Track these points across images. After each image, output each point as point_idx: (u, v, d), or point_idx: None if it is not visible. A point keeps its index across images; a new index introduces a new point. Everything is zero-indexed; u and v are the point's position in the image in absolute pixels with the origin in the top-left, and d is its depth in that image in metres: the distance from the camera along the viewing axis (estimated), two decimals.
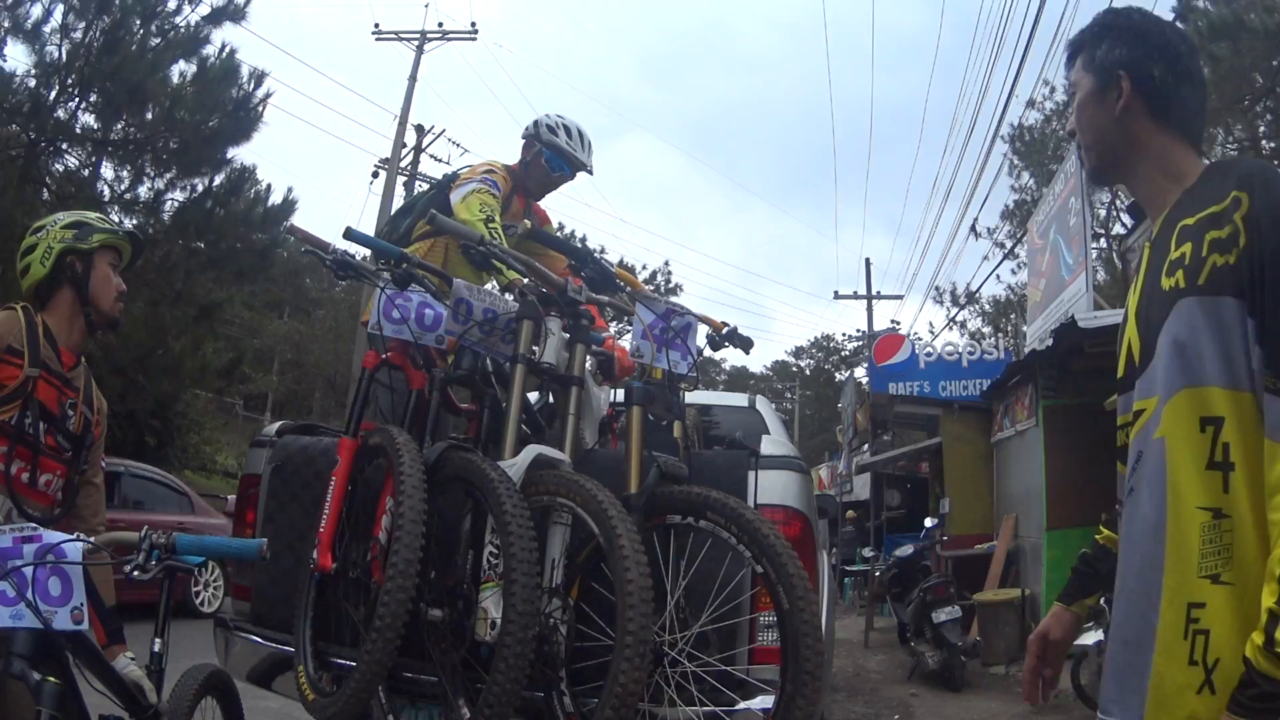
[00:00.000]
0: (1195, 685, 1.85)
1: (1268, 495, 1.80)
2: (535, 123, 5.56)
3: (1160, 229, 2.15)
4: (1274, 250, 1.84)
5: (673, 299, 4.29)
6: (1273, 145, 24.61)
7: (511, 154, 5.70)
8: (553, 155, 5.50)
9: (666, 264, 73.38)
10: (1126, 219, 15.18)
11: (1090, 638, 8.55)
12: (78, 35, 15.91)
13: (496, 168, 5.52)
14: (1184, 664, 1.87)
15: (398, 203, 27.63)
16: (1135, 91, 2.19)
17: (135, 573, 2.99)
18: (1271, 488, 1.79)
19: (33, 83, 15.86)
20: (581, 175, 5.58)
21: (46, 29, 15.73)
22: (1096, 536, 2.55)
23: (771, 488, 3.81)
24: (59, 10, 15.80)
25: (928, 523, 16.59)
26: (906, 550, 14.28)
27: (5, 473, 3.38)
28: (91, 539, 3.02)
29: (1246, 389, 1.87)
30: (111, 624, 3.61)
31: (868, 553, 18.79)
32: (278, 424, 4.81)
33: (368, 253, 4.46)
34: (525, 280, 3.91)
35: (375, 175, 30.20)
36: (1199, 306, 1.93)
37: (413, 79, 29.38)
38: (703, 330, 4.08)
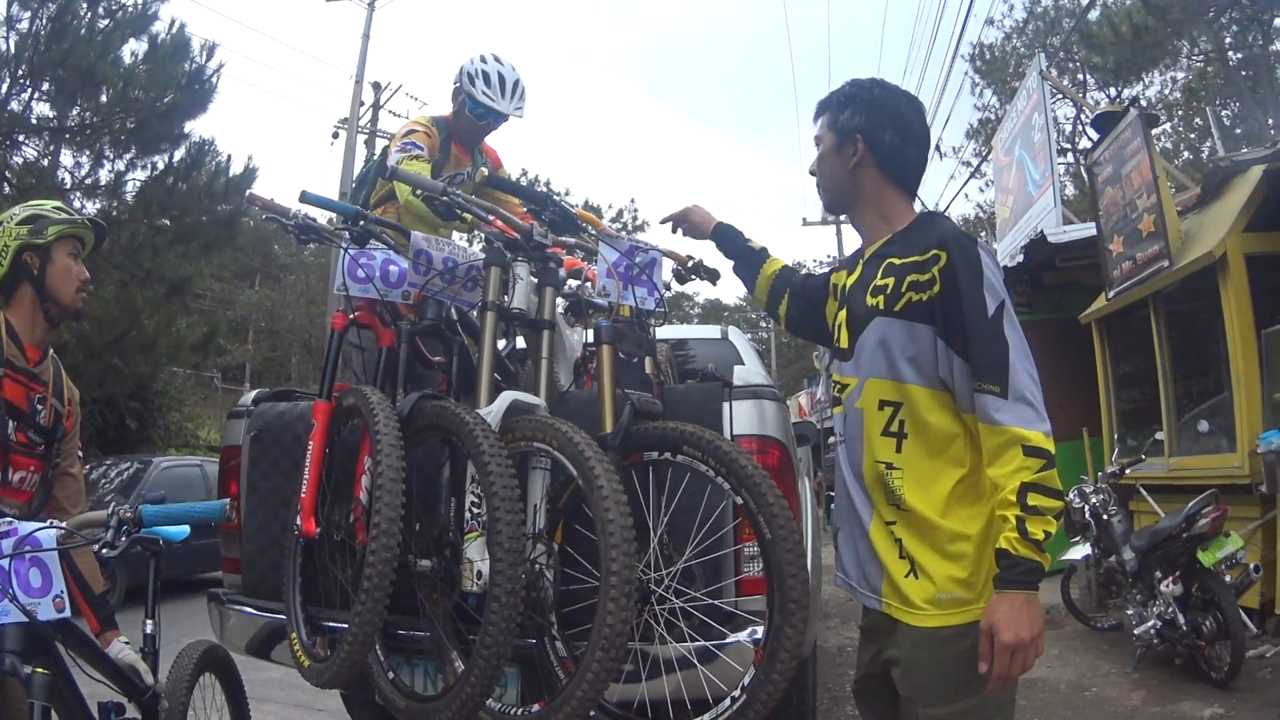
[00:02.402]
0: (905, 571, 2.69)
1: (991, 459, 2.56)
2: (460, 70, 5.52)
3: (871, 256, 2.87)
4: (966, 297, 2.57)
5: (640, 236, 4.27)
6: (1239, 56, 24.61)
7: None
8: (474, 104, 5.48)
9: (633, 201, 73.09)
10: (1092, 132, 15.19)
11: (1078, 552, 8.63)
12: (23, 25, 15.73)
13: (419, 125, 5.56)
14: (895, 558, 2.72)
15: (358, 163, 27.63)
16: (868, 151, 2.85)
17: (105, 550, 2.98)
18: (992, 454, 2.55)
19: None
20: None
21: None
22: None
23: (746, 418, 3.82)
24: (2, 3, 15.62)
25: None
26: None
27: None
28: (64, 524, 3.01)
29: (917, 384, 2.68)
30: (102, 611, 3.61)
31: None
32: (253, 393, 4.80)
33: (332, 215, 4.44)
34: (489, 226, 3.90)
35: (335, 136, 30.05)
36: (890, 325, 2.70)
37: (366, 36, 29.08)
38: (668, 265, 4.06)
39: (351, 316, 3.97)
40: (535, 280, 3.74)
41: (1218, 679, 7.00)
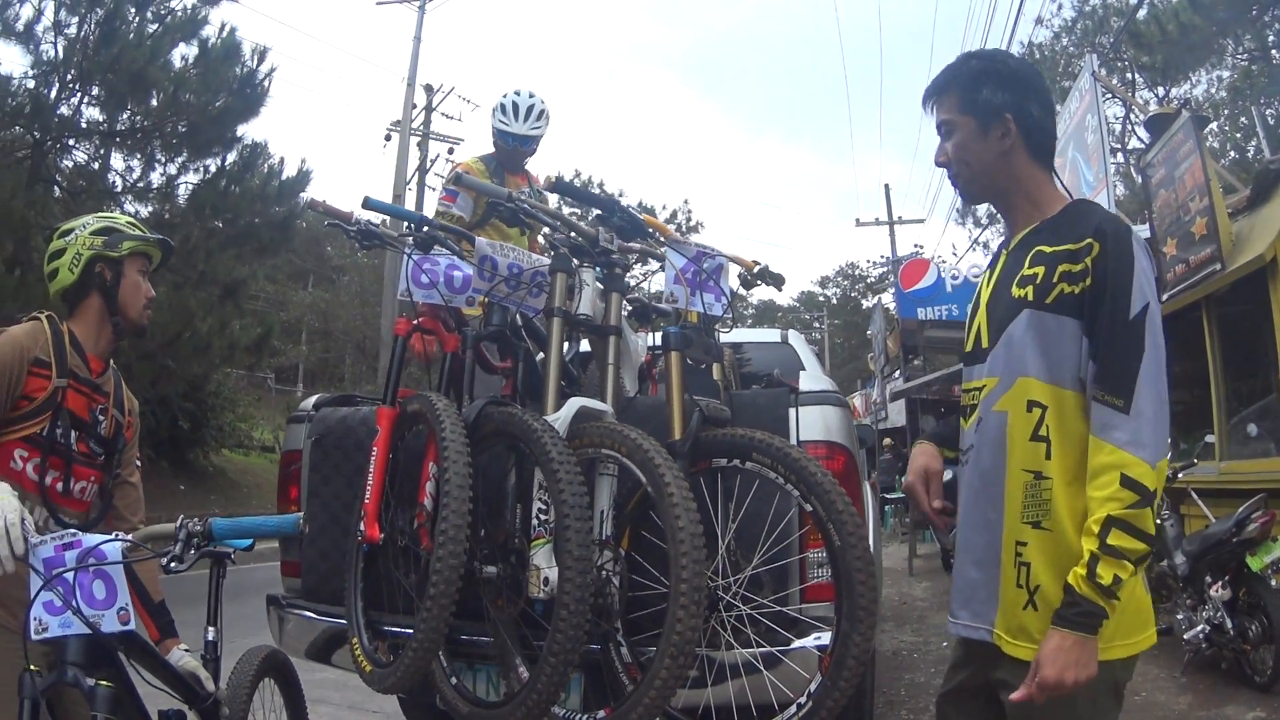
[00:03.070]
0: (1022, 602, 2.48)
1: (1090, 477, 2.37)
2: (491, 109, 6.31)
3: (1018, 244, 2.66)
4: (1112, 292, 2.38)
5: (694, 237, 4.26)
6: None
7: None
8: (499, 132, 6.21)
9: (686, 203, 73.11)
10: (1143, 133, 15.02)
11: None
12: (71, 31, 15.89)
13: (465, 167, 6.28)
14: (1014, 586, 2.51)
15: (412, 165, 27.77)
16: (1019, 131, 2.62)
17: (173, 564, 2.98)
18: (1092, 472, 2.36)
19: (32, 83, 15.86)
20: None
21: (39, 28, 15.75)
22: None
23: (812, 423, 3.80)
24: (50, 8, 15.77)
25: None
26: (946, 475, 14.18)
27: (40, 483, 3.37)
28: (130, 536, 3.01)
29: (1067, 387, 2.47)
30: (162, 618, 3.62)
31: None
32: (314, 398, 4.82)
33: (389, 220, 4.47)
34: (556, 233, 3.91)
35: (388, 139, 30.19)
36: (1041, 319, 2.50)
37: (417, 39, 29.27)
38: (734, 270, 4.06)
39: (416, 322, 3.97)
40: (601, 286, 3.74)
41: (1261, 683, 6.96)
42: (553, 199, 6.14)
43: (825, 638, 3.33)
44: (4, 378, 3.30)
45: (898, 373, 23.98)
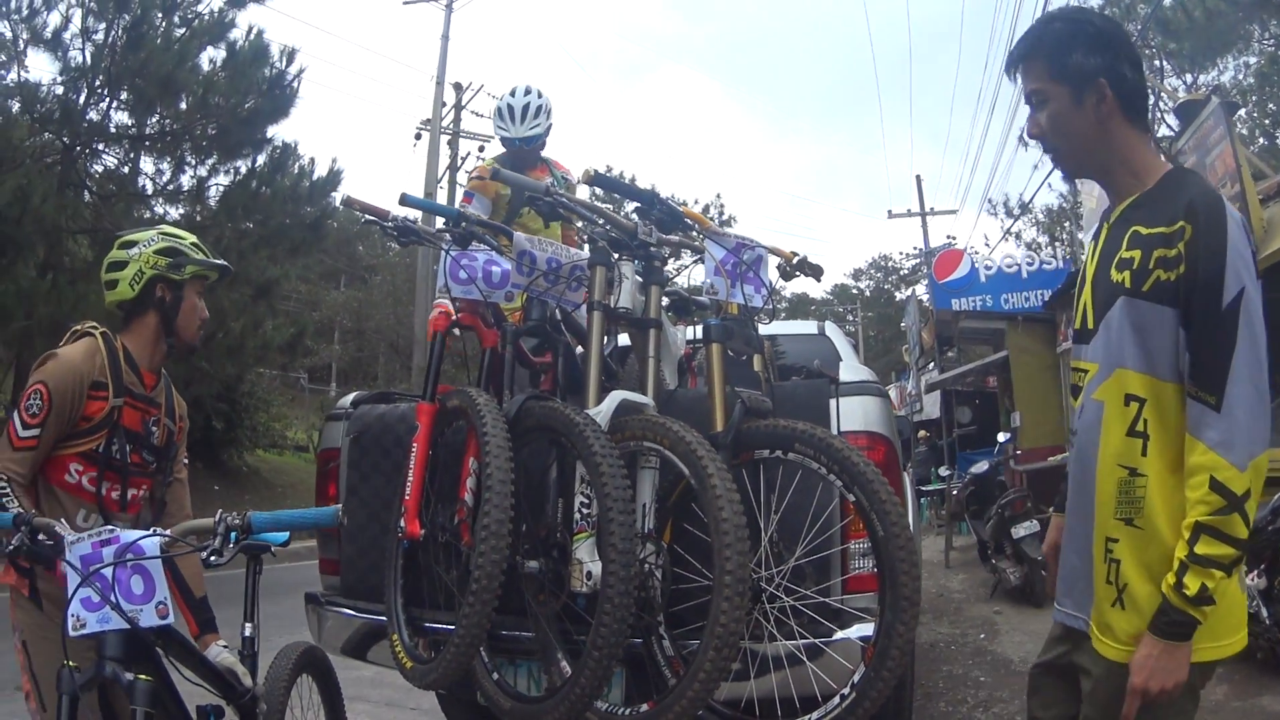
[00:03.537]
0: (1111, 599, 2.44)
1: (1186, 476, 2.29)
2: None
3: (1118, 219, 2.54)
4: (1203, 280, 2.28)
5: (728, 230, 4.25)
6: None
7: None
8: (502, 139, 6.25)
9: (718, 196, 72.93)
10: (1173, 120, 14.87)
11: None
12: (99, 37, 16.03)
13: (478, 174, 6.50)
14: (1104, 581, 2.46)
15: (442, 163, 27.81)
16: (1114, 96, 2.47)
17: (212, 558, 2.97)
18: (1189, 471, 2.28)
19: (60, 89, 16.04)
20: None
21: (66, 35, 15.90)
22: None
23: (853, 414, 3.78)
24: (77, 15, 15.92)
25: (1001, 437, 16.46)
26: (982, 467, 14.14)
27: (97, 494, 3.44)
28: (168, 531, 3.02)
29: (1167, 379, 2.38)
30: (202, 614, 3.64)
31: (944, 471, 18.65)
32: (352, 395, 4.83)
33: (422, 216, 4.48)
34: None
35: (418, 137, 30.24)
36: (1138, 308, 2.39)
37: (445, 38, 29.29)
38: (773, 261, 4.05)
39: (454, 317, 3.97)
40: (640, 279, 3.73)
41: None
42: (583, 191, 6.13)
43: (868, 628, 3.32)
44: (66, 406, 3.36)
45: (932, 364, 23.93)
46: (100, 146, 17.28)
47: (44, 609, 3.33)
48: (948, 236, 46.27)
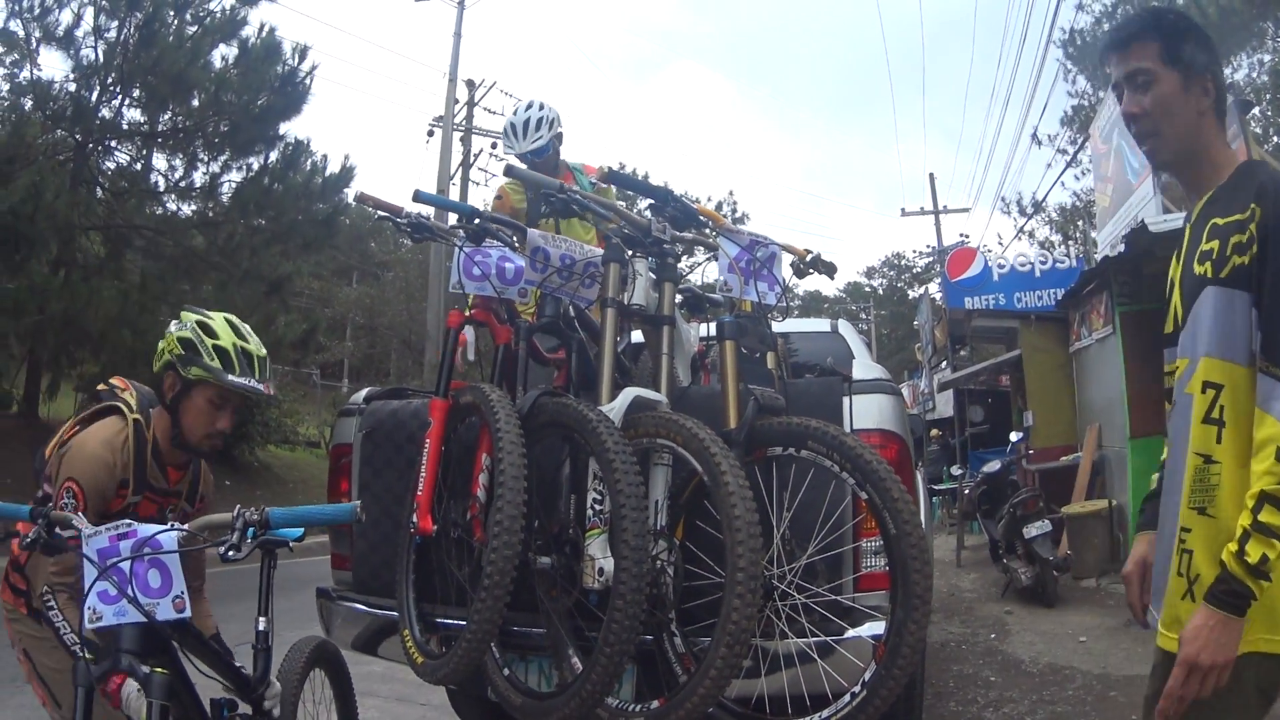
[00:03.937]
0: (1182, 592, 2.40)
1: (1254, 450, 2.25)
2: None
3: (1198, 217, 2.56)
4: (1273, 254, 2.28)
5: (741, 227, 4.25)
6: None
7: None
8: (516, 156, 6.20)
9: (731, 193, 72.85)
10: None
11: None
12: (111, 35, 16.14)
13: (500, 192, 6.42)
14: (1176, 574, 2.42)
15: (455, 160, 27.81)
16: (1216, 93, 2.52)
17: (230, 553, 2.95)
18: (1257, 445, 2.24)
19: (73, 87, 16.12)
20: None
21: (79, 33, 15.99)
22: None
23: (866, 412, 3.77)
24: (89, 13, 15.99)
25: (1013, 436, 16.44)
26: (994, 466, 14.08)
27: None
28: (185, 526, 3.01)
29: (1241, 363, 2.35)
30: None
31: (956, 470, 18.61)
32: (364, 391, 4.83)
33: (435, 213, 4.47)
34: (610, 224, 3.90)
35: (431, 134, 30.23)
36: (1220, 295, 2.38)
37: (457, 34, 29.28)
38: (787, 259, 4.05)
39: (467, 314, 3.98)
40: (654, 276, 3.73)
41: None
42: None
43: (880, 627, 3.30)
44: (98, 503, 3.30)
45: (945, 363, 23.90)
46: (113, 143, 17.38)
47: (40, 624, 3.32)
48: (961, 235, 46.24)
